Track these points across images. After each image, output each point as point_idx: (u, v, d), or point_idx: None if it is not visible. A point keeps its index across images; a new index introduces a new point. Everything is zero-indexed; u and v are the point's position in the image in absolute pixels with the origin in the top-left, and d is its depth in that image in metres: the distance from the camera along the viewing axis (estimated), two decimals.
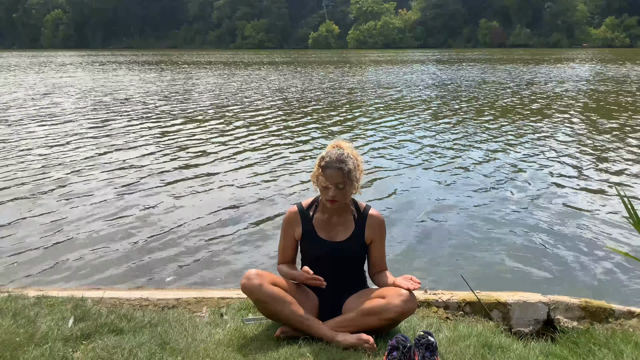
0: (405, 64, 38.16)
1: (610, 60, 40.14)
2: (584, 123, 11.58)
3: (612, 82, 21.79)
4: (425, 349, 2.33)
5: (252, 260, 4.55)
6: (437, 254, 4.72)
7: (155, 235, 5.04)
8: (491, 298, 3.15)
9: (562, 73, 27.28)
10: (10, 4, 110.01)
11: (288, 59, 46.47)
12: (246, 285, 2.57)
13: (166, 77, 25.23)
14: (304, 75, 26.96)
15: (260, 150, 8.78)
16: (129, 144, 9.18)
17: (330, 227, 2.76)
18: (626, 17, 78.93)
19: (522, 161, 8.08)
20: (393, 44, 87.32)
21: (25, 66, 35.84)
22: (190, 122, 11.63)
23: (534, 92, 18.11)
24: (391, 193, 6.51)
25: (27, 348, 2.40)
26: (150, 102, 15.33)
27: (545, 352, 2.62)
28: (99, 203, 5.96)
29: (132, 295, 3.25)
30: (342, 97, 16.79)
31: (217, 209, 5.84)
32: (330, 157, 2.63)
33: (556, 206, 5.98)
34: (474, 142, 9.50)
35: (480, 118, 12.32)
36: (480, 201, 6.17)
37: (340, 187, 2.61)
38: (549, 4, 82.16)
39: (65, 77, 25.06)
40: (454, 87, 20.17)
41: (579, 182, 6.93)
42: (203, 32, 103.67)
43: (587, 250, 4.77)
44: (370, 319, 2.55)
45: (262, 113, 13.06)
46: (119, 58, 50.42)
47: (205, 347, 2.50)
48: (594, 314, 3.10)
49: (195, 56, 57.06)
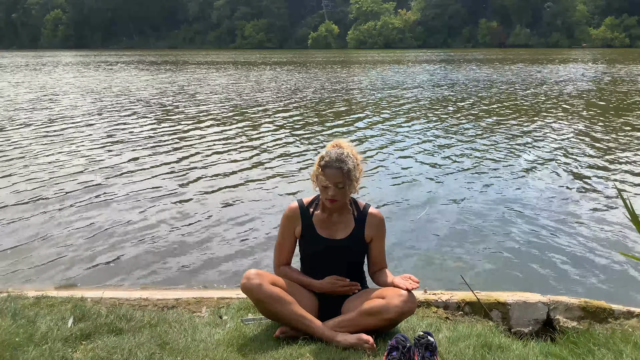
0: (405, 64, 38.15)
1: (610, 61, 40.14)
2: (584, 123, 11.58)
3: (613, 82, 21.79)
4: (425, 349, 2.33)
5: (252, 260, 4.55)
6: (437, 254, 4.72)
7: (155, 235, 5.04)
8: (491, 298, 3.15)
9: (563, 73, 27.28)
10: (9, 4, 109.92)
11: (294, 59, 46.45)
12: (246, 285, 2.57)
13: (177, 78, 25.20)
14: (306, 75, 26.95)
15: (261, 150, 8.77)
16: (129, 144, 9.18)
17: (330, 225, 2.76)
18: (626, 17, 78.89)
19: (523, 161, 8.08)
20: (393, 44, 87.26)
21: (34, 66, 35.71)
22: (192, 122, 11.63)
23: (535, 92, 18.11)
24: (391, 193, 6.50)
25: (26, 348, 2.40)
26: (153, 102, 15.34)
27: (544, 352, 2.62)
28: (99, 203, 5.96)
29: (131, 295, 3.25)
30: (343, 97, 16.78)
31: (217, 208, 5.84)
32: (330, 156, 2.63)
33: (556, 206, 5.99)
34: (474, 142, 9.50)
35: (480, 118, 12.31)
36: (481, 201, 6.17)
37: (340, 186, 2.61)
38: (549, 4, 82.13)
39: (80, 78, 24.95)
40: (454, 87, 20.17)
41: (580, 182, 6.93)
42: (203, 32, 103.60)
43: (587, 250, 4.77)
44: (370, 319, 2.55)
45: (263, 113, 13.05)
46: (123, 58, 50.33)
47: (205, 347, 2.50)
48: (593, 314, 3.10)
49: (200, 56, 57.00)
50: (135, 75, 26.56)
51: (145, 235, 5.05)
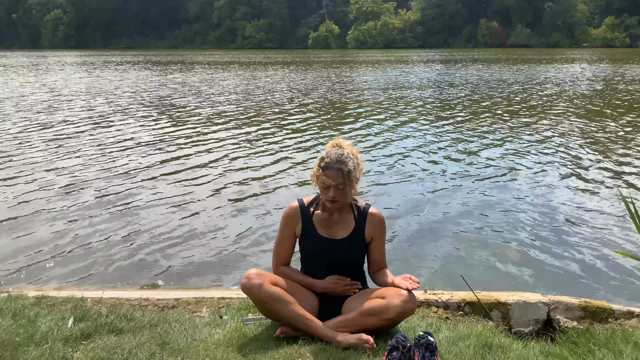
0: (405, 64, 38.15)
1: (610, 61, 40.13)
2: (585, 123, 11.57)
3: (613, 82, 21.78)
4: (425, 349, 2.33)
5: (252, 260, 4.55)
6: (437, 254, 4.72)
7: (155, 235, 5.04)
8: (491, 298, 3.15)
9: (563, 73, 27.27)
10: (10, 4, 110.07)
11: (297, 59, 46.46)
12: (246, 285, 2.56)
13: (189, 78, 25.19)
14: (307, 75, 26.94)
15: (262, 150, 8.77)
16: (129, 144, 9.18)
17: (330, 224, 2.76)
18: (626, 17, 78.93)
19: (523, 161, 8.08)
20: (393, 44, 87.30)
21: (42, 67, 35.63)
22: (193, 122, 11.63)
23: (535, 92, 18.10)
24: (391, 192, 6.51)
25: (26, 348, 2.40)
26: (165, 101, 15.35)
27: (545, 352, 2.61)
28: (98, 203, 5.95)
29: (132, 295, 3.25)
30: (345, 96, 16.78)
31: (217, 208, 5.84)
32: (330, 157, 2.62)
33: (556, 206, 5.98)
34: (474, 142, 9.50)
35: (481, 118, 12.31)
36: (481, 201, 6.17)
37: (340, 187, 2.61)
38: (550, 4, 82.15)
39: (91, 78, 24.92)
40: (455, 87, 20.17)
41: (580, 182, 6.93)
42: (203, 32, 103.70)
43: (587, 250, 4.76)
44: (370, 319, 2.55)
45: (265, 113, 13.06)
46: (127, 58, 50.32)
47: (205, 347, 2.50)
48: (593, 314, 3.10)
49: (203, 56, 57.04)
50: (146, 76, 26.53)
51: (145, 235, 5.05)
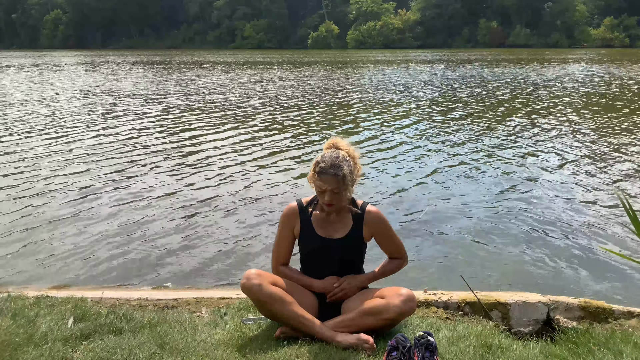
0: (406, 64, 38.15)
1: (610, 61, 40.14)
2: (585, 123, 11.58)
3: (613, 82, 21.79)
4: (425, 349, 2.33)
5: (252, 260, 4.55)
6: (437, 254, 4.72)
7: (155, 235, 5.04)
8: (491, 298, 3.15)
9: (563, 73, 27.28)
10: (9, 4, 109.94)
11: (299, 59, 46.41)
12: (246, 285, 2.56)
13: (193, 77, 25.20)
14: (307, 75, 26.94)
15: (262, 150, 8.77)
16: (128, 144, 9.18)
17: (329, 224, 2.76)
18: (625, 17, 78.91)
19: (523, 161, 8.08)
20: (392, 45, 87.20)
21: (45, 66, 35.58)
22: (193, 123, 11.63)
23: (535, 92, 18.10)
24: (391, 192, 6.51)
25: (26, 348, 2.40)
26: (165, 101, 15.35)
27: (544, 352, 2.61)
28: (98, 202, 5.96)
29: (131, 295, 3.25)
30: (346, 96, 16.77)
31: (217, 208, 5.84)
32: (325, 162, 2.60)
33: (556, 206, 5.99)
34: (474, 142, 9.50)
35: (481, 118, 12.31)
36: (481, 201, 6.17)
37: (336, 192, 2.61)
38: (549, 4, 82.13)
39: (92, 77, 24.90)
40: (455, 87, 20.16)
41: (580, 183, 6.93)
42: (203, 32, 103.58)
43: (587, 250, 4.77)
44: (370, 319, 2.55)
45: (264, 113, 13.06)
46: (129, 58, 50.23)
47: (205, 347, 2.50)
48: (593, 314, 3.10)
49: (203, 56, 56.91)
50: (147, 76, 26.48)
51: (145, 235, 5.05)
